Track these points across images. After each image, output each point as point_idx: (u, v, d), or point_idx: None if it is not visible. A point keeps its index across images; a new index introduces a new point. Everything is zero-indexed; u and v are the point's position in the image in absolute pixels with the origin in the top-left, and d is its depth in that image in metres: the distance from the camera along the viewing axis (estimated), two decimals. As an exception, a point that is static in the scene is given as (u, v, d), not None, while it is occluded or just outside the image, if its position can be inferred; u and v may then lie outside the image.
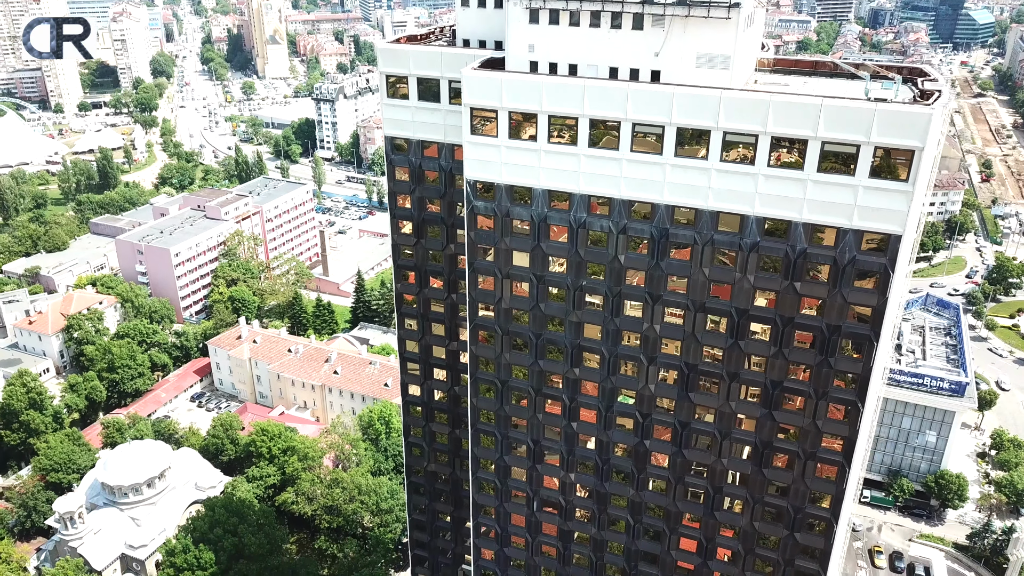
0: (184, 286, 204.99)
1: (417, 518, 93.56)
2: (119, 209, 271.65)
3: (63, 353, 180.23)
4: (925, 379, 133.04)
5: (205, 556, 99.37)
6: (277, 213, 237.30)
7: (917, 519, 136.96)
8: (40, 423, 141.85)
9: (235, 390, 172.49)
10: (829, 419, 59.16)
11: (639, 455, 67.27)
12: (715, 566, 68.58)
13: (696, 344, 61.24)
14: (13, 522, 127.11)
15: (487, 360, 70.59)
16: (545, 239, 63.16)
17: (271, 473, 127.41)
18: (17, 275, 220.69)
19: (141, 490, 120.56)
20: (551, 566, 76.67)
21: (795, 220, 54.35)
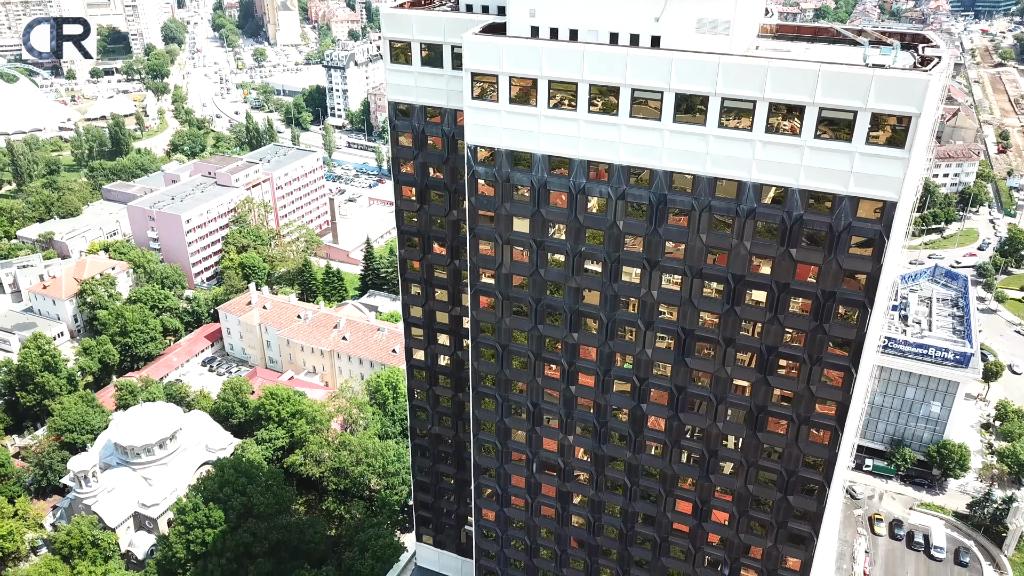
0: (195, 252, 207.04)
1: (421, 480, 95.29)
2: (131, 176, 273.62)
3: (77, 317, 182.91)
4: (930, 349, 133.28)
5: (215, 514, 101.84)
6: (287, 180, 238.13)
7: (918, 488, 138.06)
8: (55, 385, 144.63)
9: (245, 355, 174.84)
10: (823, 384, 59.84)
11: (636, 419, 68.33)
12: (710, 528, 69.87)
13: (693, 310, 61.89)
14: (30, 480, 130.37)
15: (488, 325, 71.54)
16: (545, 205, 63.67)
17: (280, 436, 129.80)
18: (31, 240, 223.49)
19: (153, 451, 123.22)
20: (550, 526, 78.25)
21: (792, 187, 54.60)
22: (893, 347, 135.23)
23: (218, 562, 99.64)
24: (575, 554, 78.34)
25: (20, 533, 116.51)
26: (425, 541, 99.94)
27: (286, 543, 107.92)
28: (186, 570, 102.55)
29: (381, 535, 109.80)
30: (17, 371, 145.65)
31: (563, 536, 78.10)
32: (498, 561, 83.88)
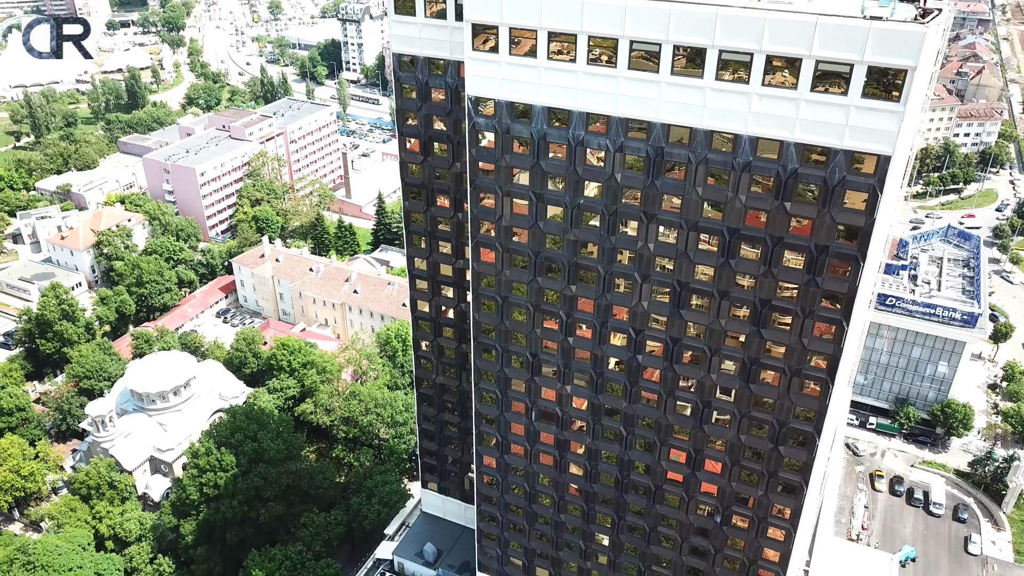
0: (209, 205, 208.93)
1: (426, 428, 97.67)
2: (147, 129, 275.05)
3: (94, 268, 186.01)
4: (937, 309, 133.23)
5: (227, 459, 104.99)
6: (301, 135, 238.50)
7: (921, 446, 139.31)
8: (73, 333, 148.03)
9: (259, 307, 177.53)
10: (815, 337, 60.69)
11: (632, 369, 69.62)
12: (703, 476, 71.46)
13: (688, 262, 62.66)
14: (50, 425, 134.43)
15: (488, 277, 72.70)
16: (544, 157, 64.25)
17: (291, 385, 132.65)
18: (49, 192, 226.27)
19: (168, 397, 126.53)
20: (549, 473, 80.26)
21: (787, 140, 54.82)
22: (900, 306, 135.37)
23: (230, 504, 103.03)
24: (573, 500, 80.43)
25: (41, 474, 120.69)
26: (430, 488, 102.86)
27: (296, 488, 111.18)
28: (199, 512, 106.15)
29: (388, 482, 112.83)
30: (36, 320, 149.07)
31: (561, 483, 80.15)
32: (498, 506, 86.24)
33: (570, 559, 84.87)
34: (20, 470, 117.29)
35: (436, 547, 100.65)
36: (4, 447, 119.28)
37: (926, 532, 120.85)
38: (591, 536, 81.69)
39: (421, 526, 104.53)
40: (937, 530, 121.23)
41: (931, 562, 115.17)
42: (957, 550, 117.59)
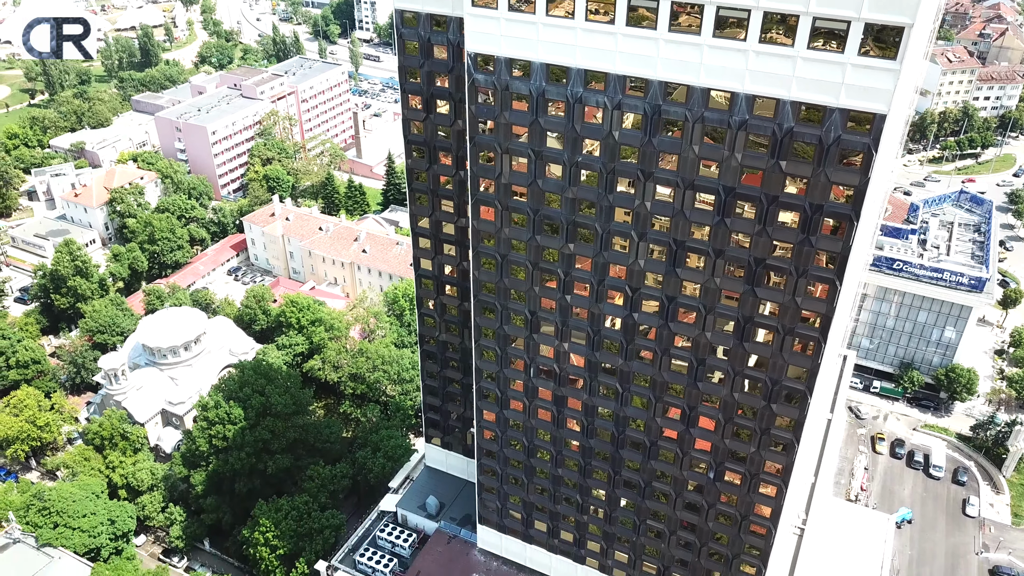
0: (221, 164, 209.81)
1: (430, 384, 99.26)
2: (160, 87, 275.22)
3: (107, 225, 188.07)
4: (945, 274, 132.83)
5: (235, 412, 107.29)
6: (312, 94, 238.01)
7: (924, 410, 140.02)
8: (86, 289, 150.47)
9: (269, 265, 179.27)
10: (808, 296, 61.18)
11: (628, 327, 70.45)
12: (697, 433, 72.61)
13: (684, 221, 63.01)
14: (64, 378, 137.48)
15: (488, 234, 73.38)
16: (543, 114, 64.43)
17: (299, 342, 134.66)
18: (63, 150, 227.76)
19: (179, 352, 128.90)
20: (547, 429, 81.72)
21: (783, 98, 54.74)
22: (908, 271, 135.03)
23: (238, 456, 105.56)
24: (570, 455, 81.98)
25: (57, 425, 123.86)
26: (433, 442, 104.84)
27: (303, 441, 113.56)
28: (209, 463, 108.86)
29: (393, 436, 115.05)
30: (51, 275, 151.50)
31: (559, 438, 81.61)
32: (498, 461, 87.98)
33: (568, 512, 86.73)
34: (36, 421, 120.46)
35: (438, 500, 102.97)
36: (20, 398, 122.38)
37: (925, 494, 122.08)
38: (588, 490, 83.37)
39: (424, 480, 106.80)
40: (936, 492, 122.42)
41: (928, 523, 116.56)
42: (955, 512, 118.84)
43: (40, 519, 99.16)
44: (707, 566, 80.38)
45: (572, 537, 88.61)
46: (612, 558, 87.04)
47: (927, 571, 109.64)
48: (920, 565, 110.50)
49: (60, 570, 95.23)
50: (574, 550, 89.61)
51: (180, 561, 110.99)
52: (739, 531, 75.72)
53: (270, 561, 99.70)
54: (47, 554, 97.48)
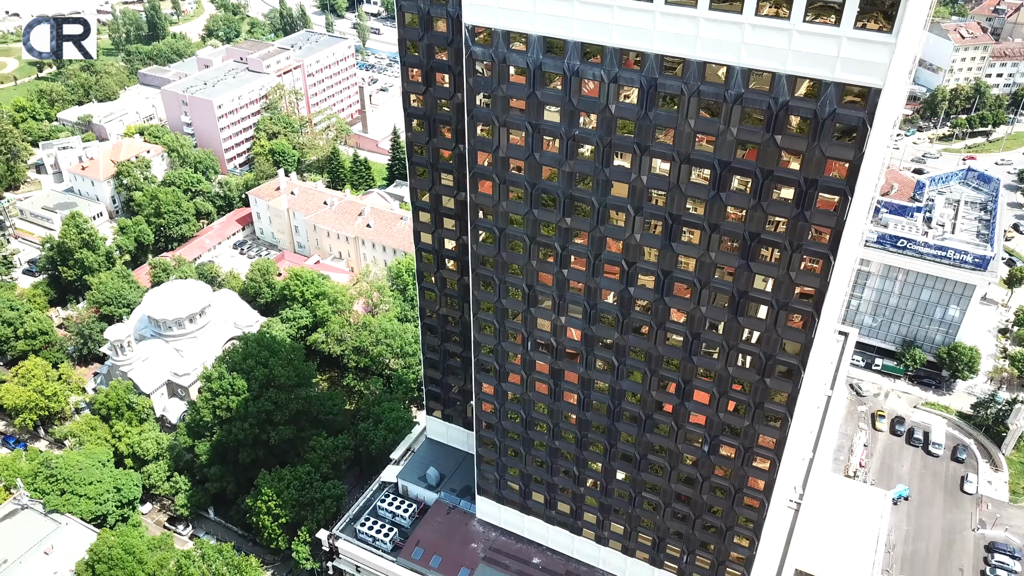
0: (227, 138, 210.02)
1: (430, 357, 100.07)
2: (167, 60, 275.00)
3: (114, 198, 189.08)
4: (949, 252, 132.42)
5: (239, 383, 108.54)
6: (318, 68, 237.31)
7: (926, 388, 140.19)
8: (93, 261, 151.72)
9: (275, 239, 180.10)
10: (803, 271, 61.41)
11: (624, 301, 70.88)
12: (692, 406, 73.22)
13: (680, 195, 63.16)
14: (72, 349, 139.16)
15: (486, 208, 73.70)
16: (540, 87, 64.45)
17: (303, 315, 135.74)
18: (71, 123, 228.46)
19: (184, 324, 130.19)
20: (544, 401, 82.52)
21: (779, 72, 54.65)
22: (912, 248, 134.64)
23: (242, 426, 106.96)
24: (567, 427, 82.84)
25: (64, 395, 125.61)
26: (434, 415, 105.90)
27: (306, 413, 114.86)
28: (213, 433, 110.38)
29: (394, 409, 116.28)
30: (58, 248, 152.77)
31: (556, 411, 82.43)
32: (497, 432, 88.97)
33: (565, 484, 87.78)
34: (44, 390, 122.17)
35: (439, 471, 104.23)
36: (28, 368, 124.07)
37: (923, 471, 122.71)
38: (585, 463, 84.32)
39: (425, 451, 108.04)
40: (934, 469, 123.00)
41: (925, 500, 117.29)
42: (953, 489, 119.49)
43: (47, 486, 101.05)
44: (701, 538, 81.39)
45: (569, 509, 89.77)
46: (608, 529, 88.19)
47: (923, 547, 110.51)
48: (916, 541, 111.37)
49: (67, 535, 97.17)
50: (571, 521, 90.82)
51: (185, 529, 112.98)
52: (733, 504, 76.59)
53: (272, 530, 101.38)
54: (54, 520, 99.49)
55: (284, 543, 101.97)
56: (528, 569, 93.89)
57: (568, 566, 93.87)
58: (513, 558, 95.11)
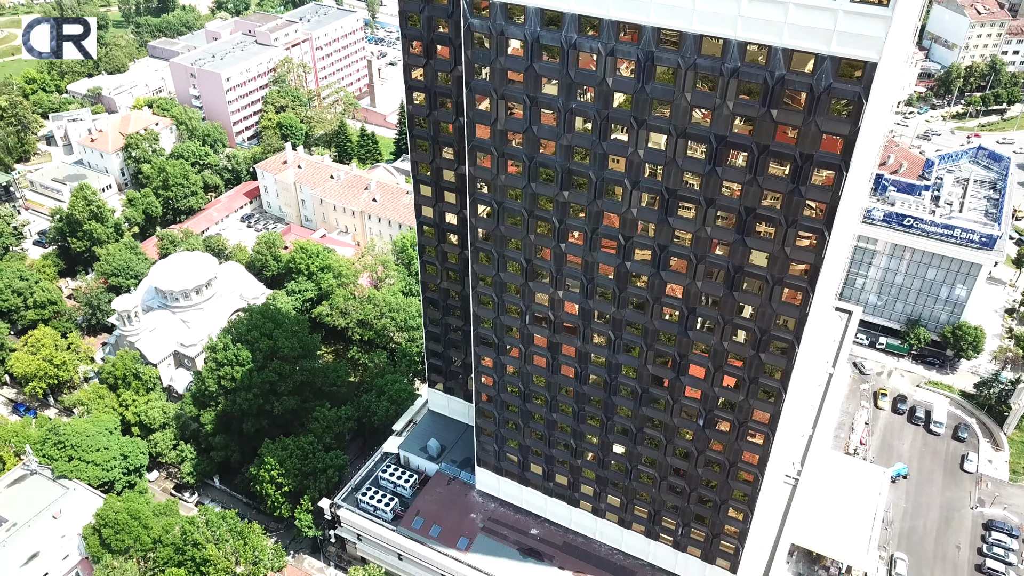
0: (236, 111, 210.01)
1: (432, 330, 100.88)
2: (176, 33, 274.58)
3: (123, 171, 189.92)
4: (955, 231, 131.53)
5: (243, 354, 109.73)
6: (327, 41, 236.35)
7: (929, 367, 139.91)
8: (102, 233, 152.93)
9: (282, 212, 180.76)
10: (797, 246, 61.51)
11: (621, 275, 71.20)
12: (687, 381, 73.75)
13: (676, 169, 63.22)
14: (81, 319, 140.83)
15: (484, 181, 73.93)
16: (538, 59, 64.39)
17: (309, 288, 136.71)
18: (81, 95, 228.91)
19: (190, 296, 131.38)
20: (542, 374, 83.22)
21: (775, 45, 54.44)
22: (918, 227, 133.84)
23: (246, 396, 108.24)
24: (564, 400, 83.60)
25: (73, 364, 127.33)
26: (436, 387, 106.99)
27: (310, 384, 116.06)
28: (218, 403, 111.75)
29: (397, 381, 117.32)
30: (67, 219, 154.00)
31: (553, 384, 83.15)
32: (496, 405, 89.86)
33: (562, 457, 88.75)
34: (53, 359, 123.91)
35: (440, 443, 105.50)
36: (38, 337, 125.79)
37: (924, 449, 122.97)
38: (582, 436, 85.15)
39: (427, 423, 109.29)
40: (935, 448, 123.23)
41: (925, 477, 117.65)
42: (953, 467, 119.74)
43: (56, 452, 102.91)
44: (696, 511, 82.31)
45: (567, 481, 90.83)
46: (605, 502, 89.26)
47: (920, 524, 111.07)
48: (914, 518, 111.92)
49: (75, 500, 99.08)
50: (569, 493, 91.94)
51: (191, 496, 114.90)
52: (727, 477, 77.32)
53: (276, 498, 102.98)
54: (62, 485, 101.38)
55: (287, 511, 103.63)
56: (526, 540, 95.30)
57: (566, 537, 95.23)
58: (511, 528, 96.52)
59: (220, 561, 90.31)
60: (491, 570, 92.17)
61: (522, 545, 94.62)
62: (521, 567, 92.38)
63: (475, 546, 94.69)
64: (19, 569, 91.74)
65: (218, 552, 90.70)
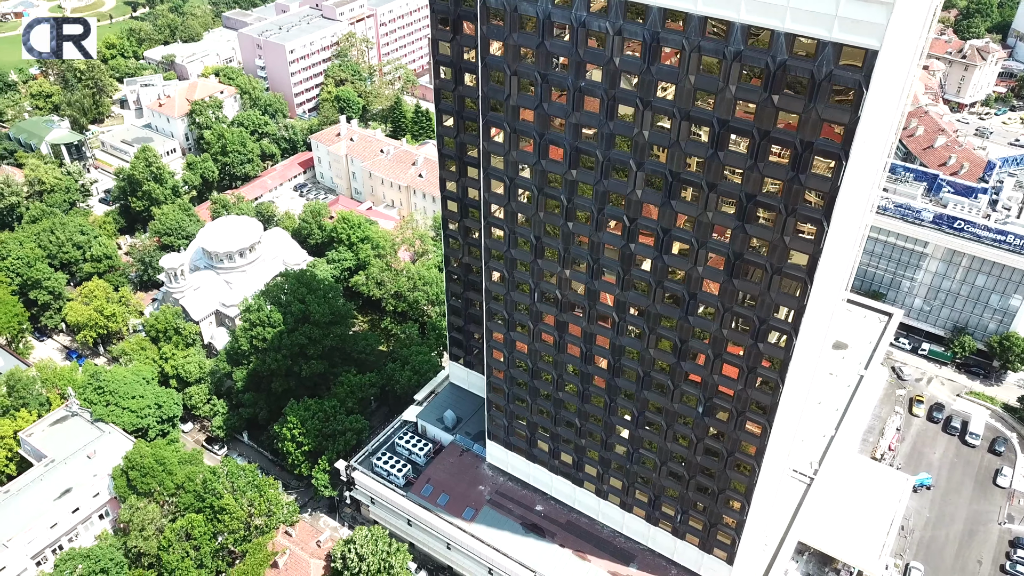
0: (298, 83, 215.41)
1: (454, 304, 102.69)
2: (251, 4, 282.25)
3: (187, 136, 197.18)
4: (1009, 236, 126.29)
5: (275, 316, 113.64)
6: (391, 17, 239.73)
7: (973, 377, 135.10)
8: (159, 194, 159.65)
9: (333, 184, 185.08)
10: (797, 236, 60.69)
11: (625, 257, 71.34)
12: (688, 367, 73.57)
13: (680, 152, 62.97)
14: (134, 275, 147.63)
15: (497, 156, 74.82)
16: (549, 37, 64.81)
17: (348, 258, 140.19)
18: (155, 62, 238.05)
19: (234, 258, 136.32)
20: (549, 352, 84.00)
21: (777, 29, 53.71)
22: (969, 231, 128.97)
23: (275, 357, 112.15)
24: (570, 379, 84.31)
25: (123, 317, 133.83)
26: (458, 361, 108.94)
27: (340, 350, 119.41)
28: (249, 362, 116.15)
29: (421, 352, 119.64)
30: (128, 179, 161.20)
31: (560, 363, 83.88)
32: (506, 380, 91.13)
33: (567, 436, 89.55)
34: (103, 310, 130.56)
35: (456, 415, 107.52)
36: (91, 289, 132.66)
37: (956, 460, 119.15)
38: (586, 416, 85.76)
39: (447, 395, 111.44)
40: (968, 459, 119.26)
41: (953, 488, 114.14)
42: (984, 480, 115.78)
43: (95, 397, 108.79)
44: (695, 499, 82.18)
45: (571, 460, 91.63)
46: (608, 483, 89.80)
47: (942, 534, 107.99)
48: (936, 528, 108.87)
49: (109, 443, 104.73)
50: (573, 472, 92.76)
51: (220, 449, 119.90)
52: (725, 467, 76.96)
53: (296, 456, 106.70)
54: (99, 428, 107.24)
55: (306, 470, 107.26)
56: (530, 515, 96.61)
57: (570, 516, 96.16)
58: (517, 503, 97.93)
59: (236, 511, 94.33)
60: (493, 542, 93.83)
61: (526, 520, 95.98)
62: (523, 541, 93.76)
63: (480, 517, 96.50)
64: (52, 502, 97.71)
65: (235, 502, 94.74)
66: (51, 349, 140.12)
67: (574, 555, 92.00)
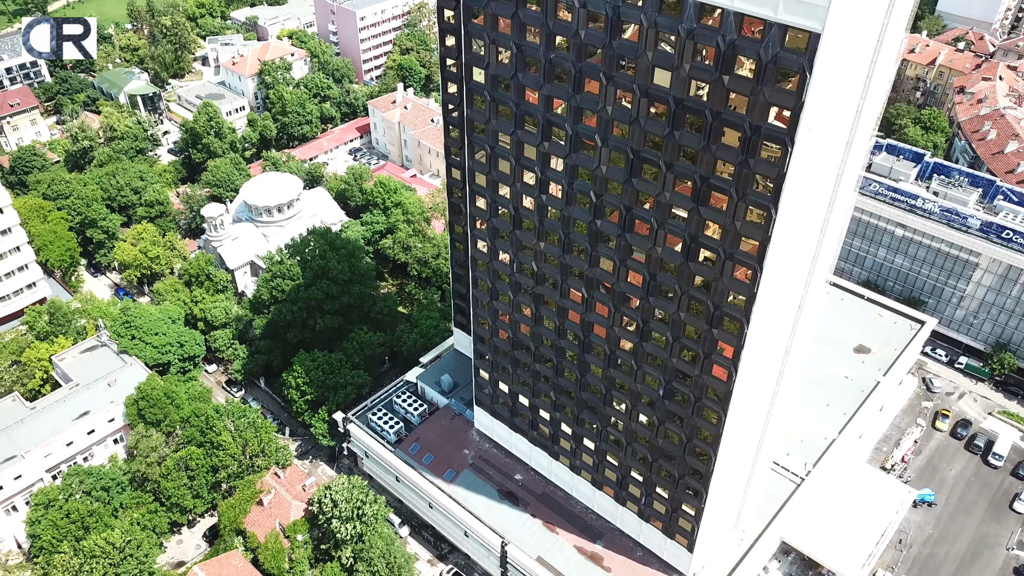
0: (367, 49, 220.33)
1: (457, 272, 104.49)
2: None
3: (256, 95, 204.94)
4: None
5: (294, 269, 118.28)
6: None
7: (1011, 396, 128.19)
8: (217, 148, 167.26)
9: (387, 150, 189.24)
10: (747, 221, 59.67)
11: (592, 233, 71.46)
12: (649, 348, 73.35)
13: (640, 130, 62.62)
14: (184, 222, 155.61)
15: (479, 124, 75.87)
16: (522, 7, 65.28)
17: (380, 221, 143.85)
18: (239, 22, 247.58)
19: (273, 213, 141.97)
20: (528, 323, 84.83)
21: (727, 8, 52.76)
22: (1018, 241, 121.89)
23: (291, 308, 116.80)
24: (546, 352, 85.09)
25: (167, 259, 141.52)
26: (461, 328, 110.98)
27: (358, 308, 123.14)
28: (269, 311, 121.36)
29: (430, 316, 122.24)
30: (190, 131, 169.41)
31: (537, 334, 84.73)
32: (489, 348, 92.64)
33: (544, 408, 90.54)
34: (148, 252, 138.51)
35: (453, 380, 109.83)
36: (139, 231, 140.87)
37: (973, 479, 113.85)
38: (561, 389, 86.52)
39: (449, 360, 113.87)
40: (986, 480, 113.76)
41: (963, 507, 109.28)
42: (1000, 504, 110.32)
43: (123, 331, 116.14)
44: (657, 482, 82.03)
45: (548, 432, 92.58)
46: (580, 459, 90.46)
47: (943, 552, 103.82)
48: (937, 545, 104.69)
49: (130, 374, 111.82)
50: (550, 445, 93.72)
51: (239, 391, 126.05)
52: (684, 452, 76.52)
53: (300, 404, 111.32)
54: (123, 360, 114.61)
55: (308, 418, 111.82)
56: (508, 483, 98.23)
57: (546, 488, 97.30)
58: (497, 470, 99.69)
59: (231, 447, 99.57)
60: (468, 504, 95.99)
61: (503, 487, 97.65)
62: (496, 507, 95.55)
63: (459, 480, 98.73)
64: (72, 422, 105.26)
65: (231, 440, 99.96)
66: (103, 285, 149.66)
67: (543, 526, 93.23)
